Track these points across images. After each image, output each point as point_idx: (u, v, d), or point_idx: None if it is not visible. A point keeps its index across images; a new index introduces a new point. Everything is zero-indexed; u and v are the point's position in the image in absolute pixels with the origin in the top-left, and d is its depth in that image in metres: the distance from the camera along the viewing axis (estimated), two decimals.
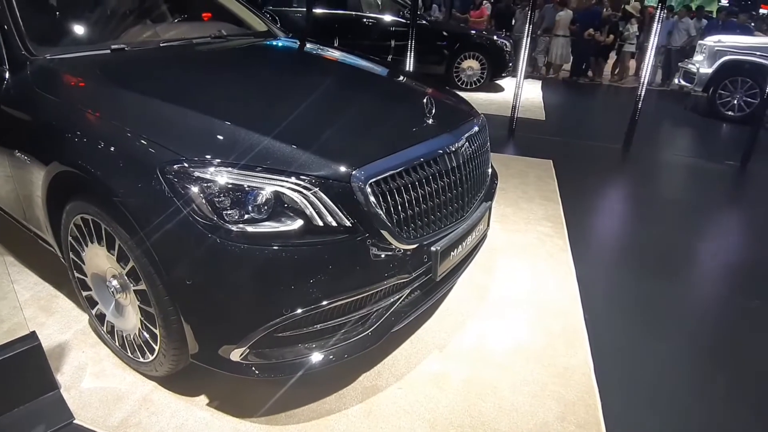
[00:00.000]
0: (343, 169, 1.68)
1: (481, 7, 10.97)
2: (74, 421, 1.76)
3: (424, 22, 8.47)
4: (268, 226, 1.60)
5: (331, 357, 1.77)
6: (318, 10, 8.19)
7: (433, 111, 2.09)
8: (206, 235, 1.55)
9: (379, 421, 1.86)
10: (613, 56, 11.23)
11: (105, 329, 2.06)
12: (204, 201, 1.56)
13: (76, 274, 2.07)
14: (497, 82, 9.12)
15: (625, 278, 3.02)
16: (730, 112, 7.77)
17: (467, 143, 2.17)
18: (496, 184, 2.65)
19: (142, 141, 1.67)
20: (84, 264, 2.00)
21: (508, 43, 8.61)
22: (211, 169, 1.59)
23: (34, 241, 2.34)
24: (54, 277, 2.53)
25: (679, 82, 8.55)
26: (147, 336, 1.85)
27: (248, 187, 1.59)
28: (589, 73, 11.00)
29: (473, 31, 9.14)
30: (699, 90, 7.91)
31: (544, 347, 2.32)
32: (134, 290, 1.81)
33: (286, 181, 1.62)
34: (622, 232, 3.73)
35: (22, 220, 2.28)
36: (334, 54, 3.03)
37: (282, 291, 1.60)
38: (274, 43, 3.09)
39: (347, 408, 1.91)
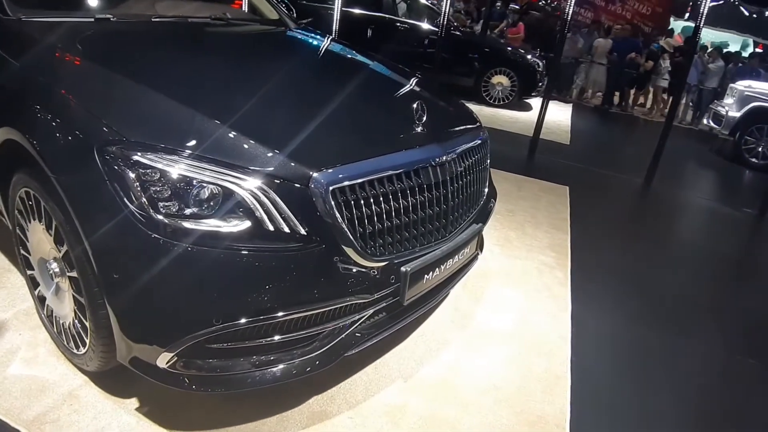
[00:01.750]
0: (303, 170, 1.50)
1: (517, 24, 10.73)
2: None
3: (457, 33, 8.28)
4: (209, 225, 1.43)
5: (273, 376, 1.59)
6: (351, 10, 8.09)
7: (424, 118, 1.91)
8: (137, 227, 1.39)
9: None
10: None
11: (45, 313, 1.92)
12: (139, 188, 1.40)
13: (22, 252, 1.93)
14: (527, 100, 8.88)
15: (625, 323, 2.77)
16: (753, 159, 7.47)
17: (459, 157, 1.98)
18: (493, 206, 2.45)
19: (86, 116, 1.52)
20: (28, 241, 1.86)
21: (540, 63, 8.37)
22: (153, 154, 1.43)
23: None
24: (12, 250, 2.40)
25: (707, 122, 8.24)
26: (79, 327, 1.70)
27: (191, 178, 1.43)
28: (622, 103, 10.68)
29: (508, 47, 8.92)
30: (726, 133, 7.63)
31: (519, 389, 2.10)
32: (68, 276, 1.66)
33: (236, 177, 1.45)
34: (628, 272, 3.47)
35: None
36: (338, 49, 2.86)
37: (216, 298, 1.44)
38: (276, 31, 2.94)
39: (287, 431, 1.73)
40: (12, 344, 1.90)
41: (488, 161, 2.40)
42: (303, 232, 1.51)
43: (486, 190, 2.33)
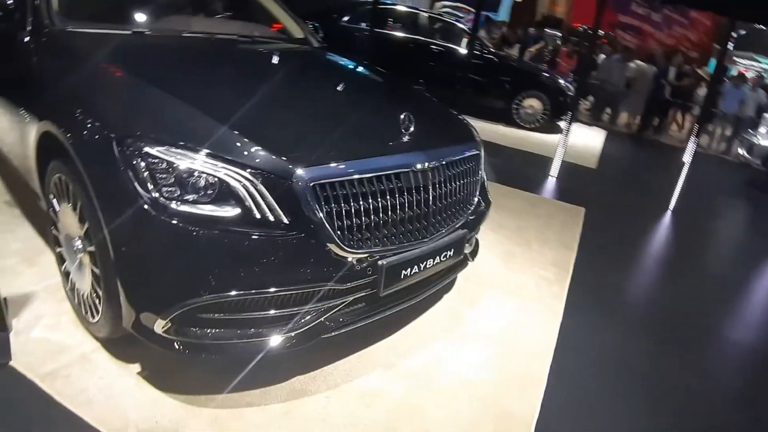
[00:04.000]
0: (288, 166, 1.71)
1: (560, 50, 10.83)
2: (9, 363, 1.87)
3: (490, 56, 8.46)
4: (204, 209, 1.65)
5: (255, 348, 1.79)
6: (388, 32, 8.42)
7: (411, 128, 2.09)
8: (143, 208, 1.63)
9: (294, 424, 1.85)
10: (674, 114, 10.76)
11: (68, 286, 2.18)
12: (147, 175, 1.64)
13: (53, 231, 2.21)
14: (560, 124, 8.93)
15: (611, 340, 2.81)
16: None
17: (444, 166, 2.15)
18: (484, 215, 2.59)
19: (110, 113, 1.78)
20: (58, 221, 2.13)
21: (571, 87, 8.42)
22: (161, 147, 1.66)
23: (38, 197, 2.52)
24: (46, 234, 2.70)
25: (740, 152, 8.08)
26: (95, 297, 1.95)
27: (192, 169, 1.66)
28: (658, 129, 10.55)
29: (541, 71, 9.02)
30: (758, 163, 7.44)
31: (494, 387, 2.22)
32: (88, 251, 1.91)
33: (229, 169, 1.67)
34: (627, 294, 3.51)
35: (23, 173, 2.47)
36: (349, 64, 3.09)
37: (205, 273, 1.64)
38: (296, 48, 3.20)
39: (268, 404, 1.91)
40: (38, 312, 2.17)
41: (481, 173, 2.56)
42: (285, 221, 1.71)
43: (475, 199, 2.47)
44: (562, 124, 8.97)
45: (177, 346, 1.74)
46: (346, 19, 8.50)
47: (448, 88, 6.79)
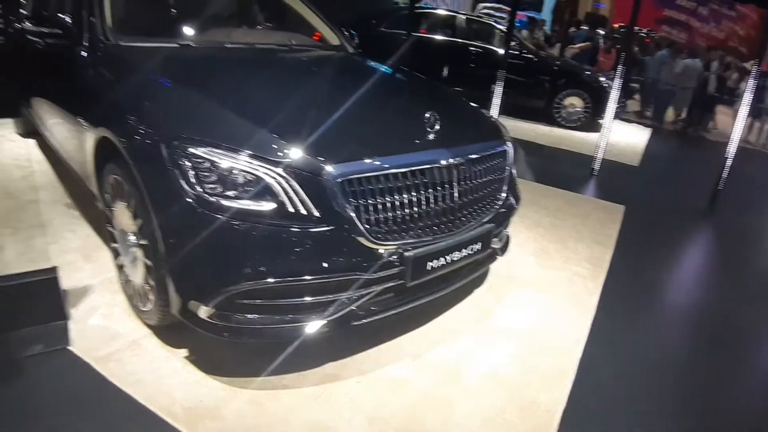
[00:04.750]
0: (318, 163, 1.84)
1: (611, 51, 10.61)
2: (67, 347, 2.07)
3: (529, 55, 8.42)
4: (243, 204, 1.80)
5: (291, 333, 1.92)
6: (426, 36, 8.51)
7: (436, 126, 2.19)
8: (189, 203, 1.79)
9: (325, 406, 1.97)
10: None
11: (122, 279, 2.38)
12: (193, 174, 1.80)
13: (109, 228, 2.42)
14: (601, 122, 8.77)
15: (644, 337, 2.80)
16: None
17: (469, 162, 2.22)
18: (513, 210, 2.64)
19: (159, 118, 1.96)
20: (114, 219, 2.34)
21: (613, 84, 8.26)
22: (203, 148, 1.82)
23: (95, 198, 2.75)
24: (103, 232, 2.93)
25: None
26: (146, 287, 2.13)
27: (232, 167, 1.81)
28: (710, 125, 10.19)
29: (583, 69, 8.90)
30: None
31: (521, 379, 2.27)
32: (140, 244, 2.09)
33: (265, 167, 1.81)
34: (664, 291, 3.46)
35: (82, 177, 2.70)
36: (381, 68, 3.21)
37: (243, 262, 1.79)
38: (332, 55, 3.35)
39: (302, 387, 2.04)
40: (95, 303, 2.38)
41: (510, 169, 2.61)
42: (317, 214, 1.84)
43: (503, 195, 2.53)
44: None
45: (220, 331, 1.89)
46: (383, 24, 8.65)
47: (487, 88, 6.81)
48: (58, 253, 2.76)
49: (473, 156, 2.26)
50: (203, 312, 1.87)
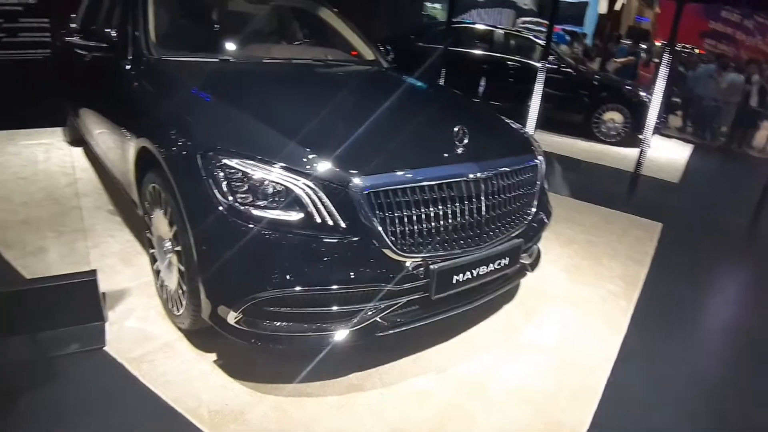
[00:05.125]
0: (345, 175, 1.88)
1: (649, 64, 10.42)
2: (103, 348, 2.16)
3: (568, 69, 8.34)
4: (272, 214, 1.85)
5: (316, 341, 1.95)
6: (464, 50, 8.54)
7: (465, 140, 2.20)
8: (220, 211, 1.85)
9: (348, 415, 1.99)
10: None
11: (158, 283, 2.47)
12: (225, 184, 1.87)
13: (147, 234, 2.51)
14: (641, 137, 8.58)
15: (676, 359, 2.70)
16: None
17: (498, 176, 2.22)
18: (543, 225, 2.62)
19: (195, 130, 2.04)
20: (152, 225, 2.43)
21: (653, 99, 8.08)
22: (237, 159, 1.89)
23: (135, 206, 2.87)
24: (143, 238, 3.04)
25: None
26: (180, 292, 2.20)
27: (263, 178, 1.86)
28: (749, 142, 9.80)
29: (623, 84, 8.74)
30: None
31: (547, 395, 2.24)
32: (175, 251, 2.17)
33: (294, 179, 1.86)
34: (699, 312, 3.33)
35: (124, 185, 2.82)
36: (414, 82, 3.24)
37: (269, 269, 1.83)
38: (366, 70, 3.40)
39: (326, 396, 2.07)
40: (132, 306, 2.47)
41: (540, 183, 2.59)
42: (343, 225, 1.87)
43: (533, 210, 2.51)
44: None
45: (248, 337, 1.93)
46: (421, 40, 8.74)
47: (525, 103, 6.77)
48: (98, 257, 2.89)
49: (502, 170, 2.26)
50: (231, 317, 1.92)
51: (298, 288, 1.84)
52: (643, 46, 11.81)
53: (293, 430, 1.90)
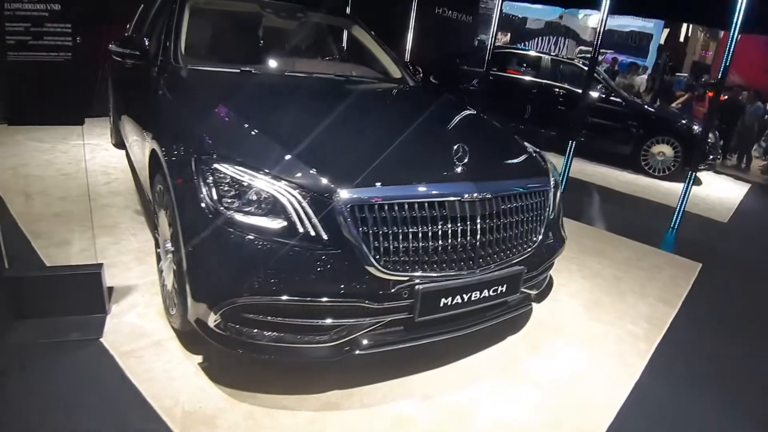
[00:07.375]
0: (330, 186, 1.87)
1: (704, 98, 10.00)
2: (99, 339, 2.22)
3: (617, 98, 8.10)
4: (254, 220, 1.86)
5: (288, 353, 1.94)
6: (510, 75, 8.48)
7: (465, 159, 2.14)
8: (206, 214, 1.88)
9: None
10: None
11: (161, 282, 2.53)
12: (213, 187, 1.90)
13: (155, 234, 2.59)
14: (697, 175, 8.16)
15: (692, 415, 2.47)
16: None
17: (498, 198, 2.15)
18: (554, 254, 2.51)
19: (196, 135, 2.10)
20: (159, 225, 2.50)
21: (711, 134, 7.70)
22: (227, 164, 1.92)
23: None
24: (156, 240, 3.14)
25: None
26: (174, 292, 2.24)
27: (248, 183, 1.88)
28: None
29: (676, 116, 8.40)
30: None
31: None
32: (171, 251, 2.22)
33: (281, 187, 1.87)
34: (728, 367, 3.02)
35: (144, 186, 2.93)
36: (432, 99, 3.22)
37: (248, 275, 1.84)
38: (385, 86, 3.41)
39: (300, 410, 2.03)
40: (134, 302, 2.54)
41: (550, 209, 2.49)
42: (325, 237, 1.86)
43: (539, 237, 2.40)
44: (702, 174, 8.24)
45: (227, 343, 1.94)
46: (466, 63, 8.75)
47: (567, 130, 6.61)
48: (116, 253, 3.00)
49: (504, 193, 2.18)
50: (211, 320, 1.93)
51: (275, 296, 1.83)
52: (703, 80, 11.34)
53: None
